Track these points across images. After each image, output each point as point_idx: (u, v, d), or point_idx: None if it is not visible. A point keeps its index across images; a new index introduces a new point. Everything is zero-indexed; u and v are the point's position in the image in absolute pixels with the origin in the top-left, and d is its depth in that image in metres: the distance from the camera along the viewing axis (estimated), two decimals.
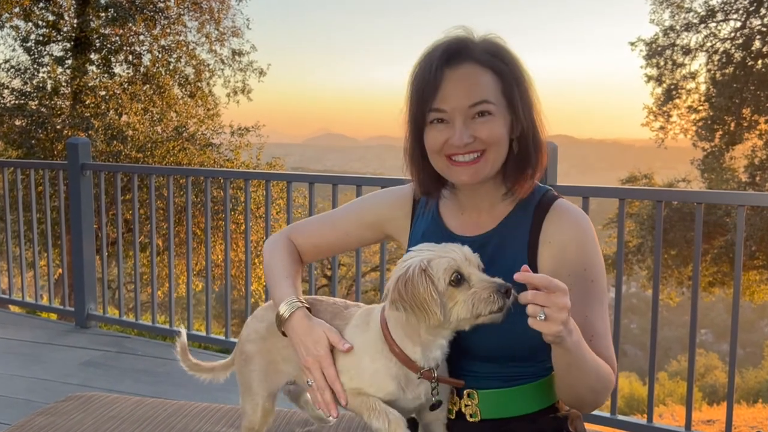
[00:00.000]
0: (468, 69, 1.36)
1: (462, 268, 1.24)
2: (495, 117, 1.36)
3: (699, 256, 2.93)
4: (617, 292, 3.19)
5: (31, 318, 5.12)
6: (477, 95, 1.35)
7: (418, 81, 1.39)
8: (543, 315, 1.15)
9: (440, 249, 1.29)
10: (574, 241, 1.40)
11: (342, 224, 1.65)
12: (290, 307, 1.46)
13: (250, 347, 1.56)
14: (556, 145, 3.01)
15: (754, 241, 12.49)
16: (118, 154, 12.10)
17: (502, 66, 1.37)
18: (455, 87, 1.35)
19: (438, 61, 1.36)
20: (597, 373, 1.32)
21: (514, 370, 1.45)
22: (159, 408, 1.99)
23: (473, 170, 1.38)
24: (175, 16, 13.66)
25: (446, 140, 1.37)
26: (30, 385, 3.61)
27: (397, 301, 1.25)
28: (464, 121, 1.36)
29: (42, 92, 13.17)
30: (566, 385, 1.36)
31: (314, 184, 3.72)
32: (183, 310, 13.18)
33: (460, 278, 1.24)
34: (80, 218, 4.46)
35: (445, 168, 1.41)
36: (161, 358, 4.06)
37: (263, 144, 14.18)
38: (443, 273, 1.23)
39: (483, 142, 1.36)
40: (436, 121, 1.38)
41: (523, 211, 1.45)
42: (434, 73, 1.35)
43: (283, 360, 1.52)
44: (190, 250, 4.22)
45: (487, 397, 1.44)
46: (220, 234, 11.77)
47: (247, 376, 1.55)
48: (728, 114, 13.79)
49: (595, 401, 1.39)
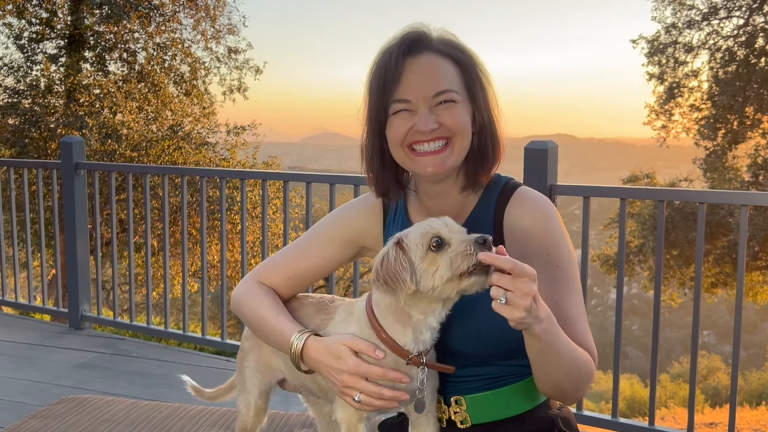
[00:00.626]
0: (429, 58, 1.36)
1: (441, 232, 1.21)
2: (459, 105, 1.36)
3: (701, 257, 2.90)
4: (618, 293, 3.15)
5: (24, 319, 5.09)
6: (441, 84, 1.34)
7: (379, 73, 1.37)
8: (504, 299, 1.13)
9: (418, 223, 1.27)
10: (536, 225, 1.39)
11: (314, 249, 1.57)
12: (299, 341, 1.38)
13: (246, 344, 1.57)
14: (556, 145, 2.98)
15: (757, 241, 12.49)
16: (113, 153, 12.09)
17: (462, 56, 1.38)
18: (418, 77, 1.34)
19: (397, 51, 1.35)
20: (574, 360, 1.30)
21: (498, 370, 1.43)
22: (154, 411, 1.99)
23: (439, 160, 1.36)
24: (170, 13, 13.64)
25: (410, 127, 1.35)
26: (23, 387, 3.59)
27: (376, 280, 1.23)
28: (429, 109, 1.34)
29: (35, 90, 13.08)
30: (543, 374, 1.33)
31: (311, 183, 3.71)
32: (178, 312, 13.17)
33: (440, 242, 1.20)
34: (74, 218, 4.45)
35: (409, 161, 1.38)
36: (156, 360, 4.03)
37: (259, 143, 14.27)
38: (420, 239, 1.21)
39: (448, 129, 1.35)
40: (400, 112, 1.36)
41: (486, 203, 1.45)
42: (395, 64, 1.34)
43: (271, 353, 1.51)
44: (185, 251, 4.21)
45: (475, 401, 1.43)
46: (216, 234, 11.81)
47: (242, 372, 1.57)
48: (731, 112, 13.76)
49: (576, 390, 1.36)
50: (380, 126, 1.40)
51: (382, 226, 1.54)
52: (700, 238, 2.89)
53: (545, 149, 2.92)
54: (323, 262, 1.56)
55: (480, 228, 1.36)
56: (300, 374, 1.44)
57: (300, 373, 1.44)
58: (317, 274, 1.59)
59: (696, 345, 2.94)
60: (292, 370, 1.46)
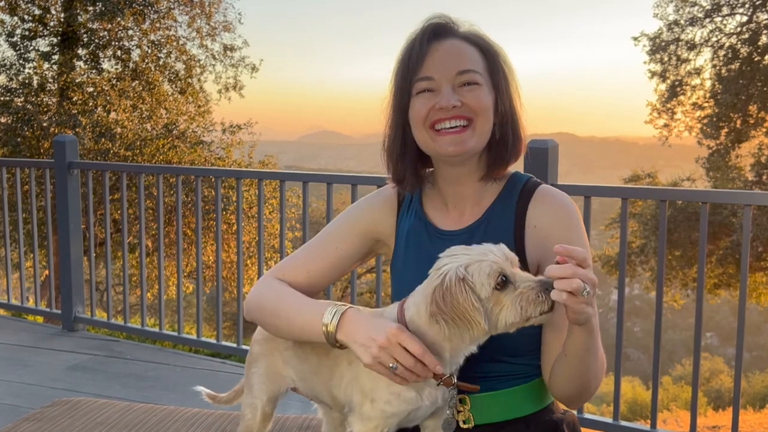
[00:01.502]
0: (454, 42, 1.39)
1: (505, 269, 1.19)
2: (482, 87, 1.38)
3: (704, 258, 2.92)
4: (620, 294, 3.12)
5: (17, 321, 5.07)
6: (465, 63, 1.37)
7: (404, 59, 1.41)
8: (588, 290, 1.12)
9: (477, 251, 1.23)
10: (559, 222, 1.41)
11: (330, 243, 1.56)
12: (337, 310, 1.31)
13: (256, 348, 1.55)
14: (556, 144, 2.97)
15: (760, 241, 12.47)
16: (107, 152, 12.07)
17: (487, 46, 1.41)
18: (442, 55, 1.37)
19: (422, 35, 1.39)
20: (602, 358, 1.33)
21: (506, 369, 1.43)
22: (148, 413, 1.99)
23: (459, 139, 1.37)
24: (165, 10, 13.65)
25: (432, 106, 1.37)
26: (15, 390, 3.57)
27: (437, 314, 1.20)
28: (452, 88, 1.37)
29: (28, 89, 13.10)
30: (578, 374, 1.32)
31: (308, 183, 3.71)
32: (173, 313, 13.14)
33: (506, 281, 1.19)
34: (67, 218, 4.44)
35: (430, 140, 1.39)
36: (150, 362, 4.01)
37: (255, 142, 14.23)
38: (487, 278, 1.18)
39: (470, 109, 1.37)
40: (424, 92, 1.38)
41: (508, 199, 1.46)
42: (419, 46, 1.38)
43: (283, 362, 1.50)
44: (180, 251, 4.21)
45: (480, 401, 1.42)
46: (211, 234, 11.76)
47: (250, 377, 1.55)
48: (734, 111, 13.79)
49: (592, 392, 1.38)
50: (403, 112, 1.42)
51: (395, 218, 1.55)
52: (703, 239, 2.88)
53: (545, 148, 2.89)
54: (340, 254, 1.54)
55: (500, 222, 1.43)
56: (314, 385, 1.44)
57: (314, 384, 1.43)
58: (335, 269, 1.56)
59: (698, 347, 2.93)
60: (305, 380, 1.46)
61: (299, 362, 1.45)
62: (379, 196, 1.59)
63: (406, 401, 1.29)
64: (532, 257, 1.39)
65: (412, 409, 1.31)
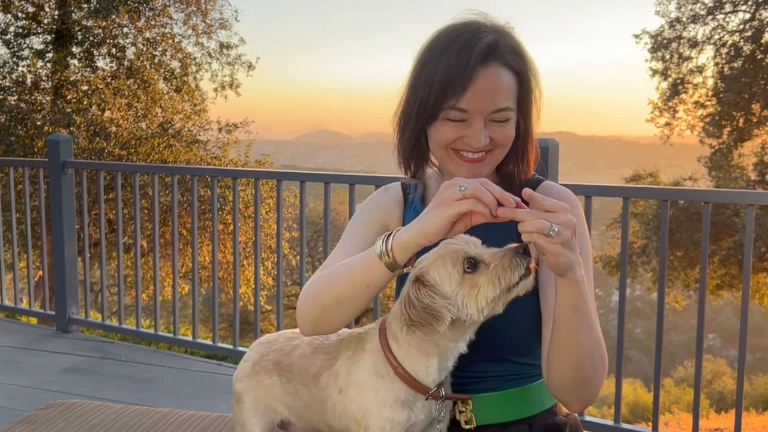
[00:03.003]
0: (496, 70, 1.34)
1: (469, 252, 1.20)
2: (511, 121, 1.38)
3: (706, 258, 2.90)
4: (621, 295, 3.12)
5: (10, 322, 5.05)
6: (501, 102, 1.35)
7: (444, 71, 1.33)
8: (556, 228, 1.10)
9: (436, 251, 1.24)
10: None
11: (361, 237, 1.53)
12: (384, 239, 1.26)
13: (238, 386, 1.54)
14: (557, 143, 2.96)
15: (763, 242, 12.48)
16: (101, 151, 12.06)
17: (523, 68, 1.38)
18: (482, 90, 1.33)
19: (469, 58, 1.32)
20: (598, 335, 1.28)
21: (509, 368, 1.44)
22: (143, 416, 1.99)
23: (476, 169, 1.39)
24: (160, 7, 13.65)
25: (460, 137, 1.36)
26: (9, 392, 3.56)
27: (410, 326, 1.21)
28: (484, 123, 1.35)
29: (21, 87, 13.10)
30: (568, 345, 1.25)
31: (305, 182, 3.69)
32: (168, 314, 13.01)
33: (475, 262, 1.19)
34: (61, 218, 4.42)
35: (448, 159, 1.40)
36: (146, 364, 4.01)
37: (252, 141, 14.23)
38: (453, 268, 1.19)
39: (495, 143, 1.38)
40: (452, 118, 1.35)
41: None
42: (463, 72, 1.32)
43: (271, 398, 1.49)
44: (176, 252, 4.21)
45: (482, 401, 1.42)
46: (207, 235, 11.81)
47: (239, 415, 1.53)
48: (737, 109, 13.79)
49: (592, 384, 1.30)
50: (425, 122, 1.38)
51: (402, 213, 1.56)
52: (705, 239, 2.89)
53: (546, 147, 2.87)
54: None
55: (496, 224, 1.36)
56: (309, 418, 1.43)
57: (309, 417, 1.43)
58: None
59: (701, 348, 2.94)
60: (300, 416, 1.45)
61: (290, 399, 1.44)
62: (387, 193, 1.60)
63: (399, 423, 1.29)
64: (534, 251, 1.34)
65: (408, 427, 1.30)
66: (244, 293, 11.95)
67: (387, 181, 2.22)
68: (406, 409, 1.29)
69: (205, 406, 3.22)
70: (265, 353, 1.49)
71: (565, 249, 1.12)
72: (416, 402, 1.29)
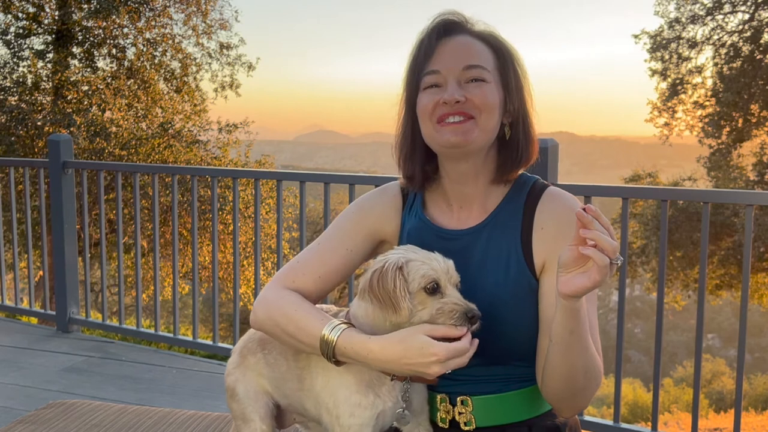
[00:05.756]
0: (465, 38, 1.40)
1: (441, 279, 1.28)
2: (489, 85, 1.38)
3: (705, 258, 2.90)
4: (621, 295, 3.11)
5: (11, 322, 5.03)
6: (472, 59, 1.37)
7: (414, 53, 1.42)
8: (619, 261, 1.14)
9: (424, 255, 1.32)
10: (568, 225, 1.35)
11: (340, 242, 1.54)
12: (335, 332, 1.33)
13: (230, 380, 1.58)
14: (557, 143, 2.95)
15: (762, 242, 12.46)
16: (101, 151, 12.05)
17: (500, 45, 1.41)
18: (451, 51, 1.38)
19: (433, 31, 1.40)
20: (592, 355, 1.31)
21: (510, 372, 1.44)
22: (144, 416, 1.99)
23: (461, 129, 1.37)
24: (160, 7, 13.64)
25: (438, 100, 1.37)
26: (9, 392, 3.55)
27: (368, 291, 1.29)
28: (458, 83, 1.37)
29: (22, 87, 13.10)
30: (562, 364, 1.29)
31: (305, 182, 3.69)
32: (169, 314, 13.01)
33: (436, 288, 1.28)
34: (62, 218, 4.40)
35: (435, 132, 1.40)
36: (146, 363, 4.00)
37: (252, 141, 14.21)
38: (420, 278, 1.27)
39: (474, 106, 1.37)
40: (431, 87, 1.39)
41: (515, 201, 1.46)
42: (428, 42, 1.39)
43: (260, 377, 1.52)
44: (176, 252, 4.19)
45: (482, 403, 1.43)
46: (207, 235, 11.81)
47: (236, 409, 1.55)
48: (736, 110, 13.78)
49: (583, 393, 1.34)
50: (412, 107, 1.43)
51: (400, 218, 1.55)
52: (705, 239, 2.87)
53: (545, 147, 2.86)
54: (350, 255, 1.53)
55: (507, 224, 1.43)
56: (285, 393, 1.47)
57: (285, 392, 1.47)
58: (345, 270, 1.54)
59: (700, 348, 2.93)
60: (278, 388, 1.49)
61: (270, 370, 1.48)
62: (384, 195, 1.58)
63: (368, 408, 1.34)
64: (538, 259, 1.39)
65: (378, 412, 1.35)
66: (244, 293, 11.90)
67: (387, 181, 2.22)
68: (371, 392, 1.34)
69: (205, 406, 3.21)
70: (251, 336, 1.55)
71: (607, 277, 1.16)
72: (381, 386, 1.34)
